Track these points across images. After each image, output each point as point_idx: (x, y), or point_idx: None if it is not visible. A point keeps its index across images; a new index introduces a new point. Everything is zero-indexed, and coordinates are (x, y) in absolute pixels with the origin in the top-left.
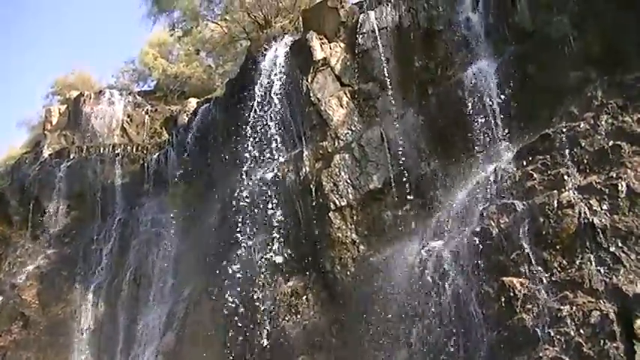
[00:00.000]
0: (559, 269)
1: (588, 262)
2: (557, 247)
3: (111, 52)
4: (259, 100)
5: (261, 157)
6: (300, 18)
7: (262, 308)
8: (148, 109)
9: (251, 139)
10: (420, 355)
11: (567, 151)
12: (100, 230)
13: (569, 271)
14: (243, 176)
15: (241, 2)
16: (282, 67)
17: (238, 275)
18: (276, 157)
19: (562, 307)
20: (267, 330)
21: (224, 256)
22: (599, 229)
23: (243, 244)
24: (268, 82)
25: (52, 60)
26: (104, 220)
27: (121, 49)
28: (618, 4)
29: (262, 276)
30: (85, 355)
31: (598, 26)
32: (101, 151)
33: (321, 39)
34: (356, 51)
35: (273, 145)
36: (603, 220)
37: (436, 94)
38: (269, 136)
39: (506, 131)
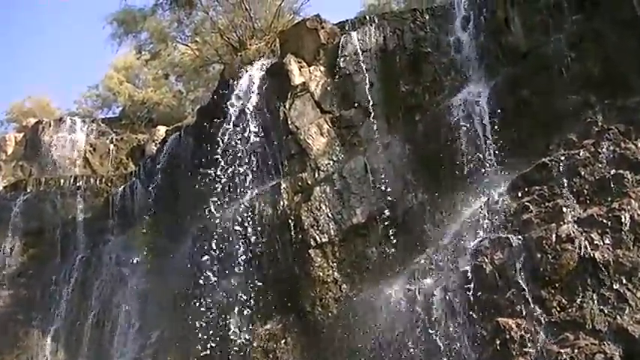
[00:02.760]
0: (558, 309)
1: (590, 301)
2: (556, 284)
3: (72, 75)
4: (233, 128)
5: (235, 190)
6: (277, 40)
7: (236, 354)
8: (112, 138)
9: (224, 170)
10: None
11: (566, 180)
12: (59, 270)
13: (570, 310)
14: (216, 210)
15: (213, 23)
16: (258, 92)
17: (210, 317)
18: (251, 189)
19: (562, 350)
20: None
21: (195, 296)
22: (601, 265)
23: (215, 284)
24: (243, 109)
25: (6, 84)
26: (64, 259)
27: (83, 73)
28: (619, 23)
29: (236, 318)
30: None
31: (598, 47)
32: (61, 184)
33: (299, 62)
34: (337, 75)
35: (248, 176)
36: (606, 255)
37: (424, 121)
38: (244, 166)
39: (500, 160)
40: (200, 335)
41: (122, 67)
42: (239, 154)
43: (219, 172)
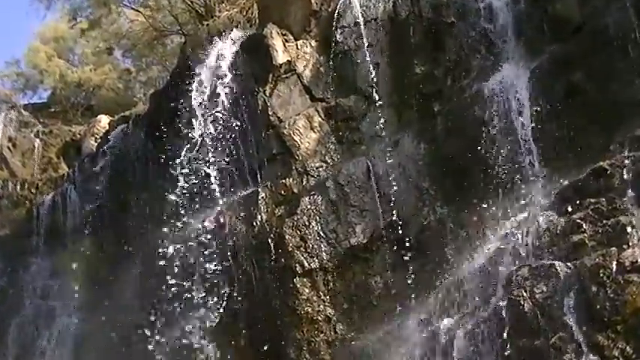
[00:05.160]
0: (622, 359)
1: None
2: (618, 327)
3: None
4: (197, 119)
5: (200, 200)
6: (256, 5)
7: None
8: (38, 131)
9: (185, 174)
10: None
11: (631, 191)
12: None
13: None
14: (173, 226)
15: None
16: (230, 73)
17: None
18: (219, 199)
19: None
20: None
21: (144, 338)
22: None
23: (171, 322)
24: (210, 95)
25: None
26: None
27: None
28: None
29: None
30: None
31: None
32: None
33: (284, 35)
34: (333, 52)
35: (216, 182)
36: None
37: (445, 113)
38: (211, 170)
39: (544, 164)
40: None
41: (51, 38)
42: (205, 154)
43: (178, 177)
